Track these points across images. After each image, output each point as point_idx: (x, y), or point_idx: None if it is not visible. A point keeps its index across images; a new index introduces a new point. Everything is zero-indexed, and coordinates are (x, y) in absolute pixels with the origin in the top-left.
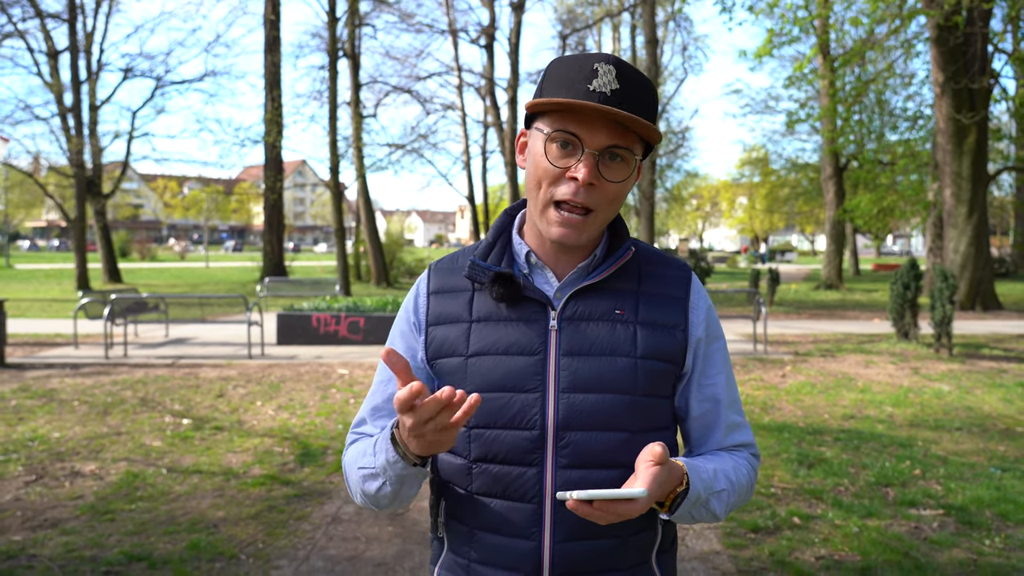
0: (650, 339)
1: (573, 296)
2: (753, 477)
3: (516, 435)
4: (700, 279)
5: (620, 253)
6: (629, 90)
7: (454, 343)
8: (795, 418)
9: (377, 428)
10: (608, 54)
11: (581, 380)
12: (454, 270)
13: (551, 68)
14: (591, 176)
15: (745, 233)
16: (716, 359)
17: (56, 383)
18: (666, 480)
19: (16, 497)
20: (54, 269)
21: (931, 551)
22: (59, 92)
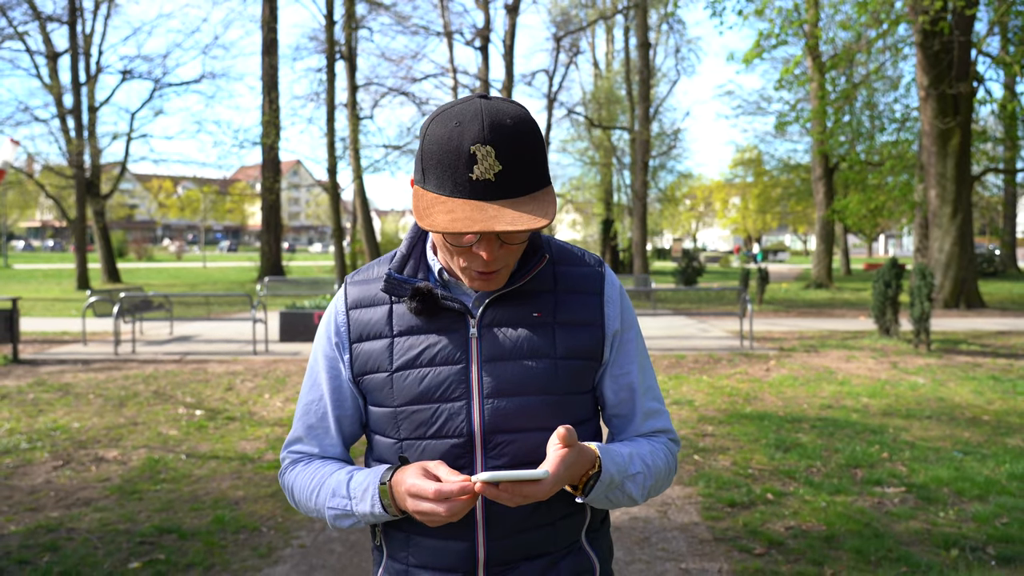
0: (569, 339)
1: (491, 303)
2: (672, 462)
3: (445, 443)
4: (692, 279)
5: (535, 262)
6: (513, 167)
7: (378, 358)
8: (775, 408)
9: (315, 447)
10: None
11: (504, 385)
12: (370, 282)
13: (428, 141)
14: (493, 253)
15: (739, 233)
16: (629, 348)
17: (70, 378)
18: (575, 462)
19: (47, 480)
20: (52, 269)
21: (890, 522)
22: (58, 94)
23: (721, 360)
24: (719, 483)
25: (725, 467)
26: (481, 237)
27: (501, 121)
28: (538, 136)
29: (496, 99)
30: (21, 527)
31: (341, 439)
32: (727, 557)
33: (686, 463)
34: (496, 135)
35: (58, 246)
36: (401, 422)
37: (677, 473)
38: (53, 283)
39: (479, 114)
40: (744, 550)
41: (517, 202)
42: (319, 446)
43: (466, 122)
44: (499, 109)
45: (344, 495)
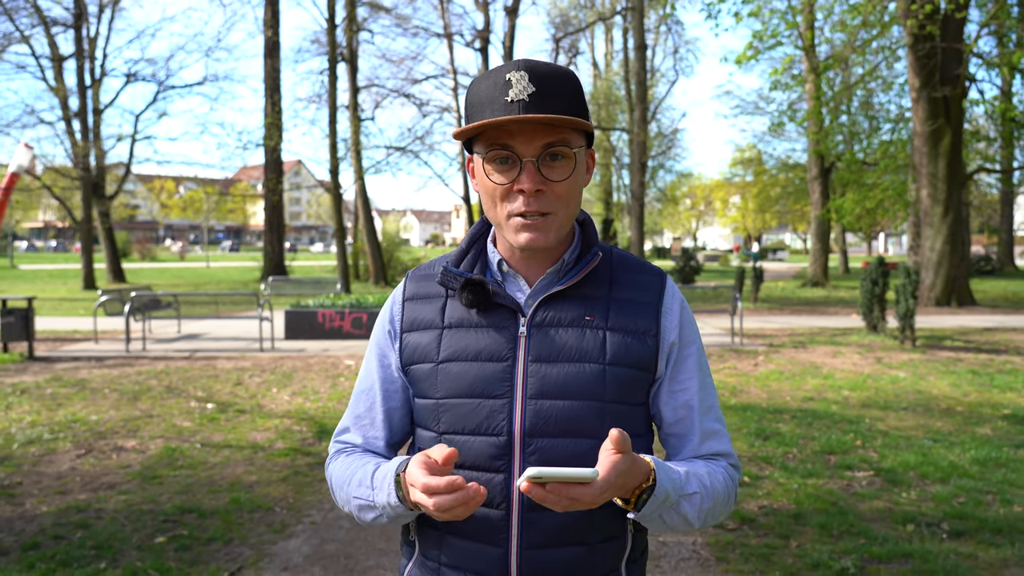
0: (620, 345)
1: (543, 303)
2: (731, 487)
3: (484, 441)
4: (689, 277)
5: (588, 259)
6: (546, 90)
7: (426, 349)
8: (760, 400)
9: (359, 437)
10: (520, 60)
11: (548, 386)
12: (429, 276)
13: (470, 91)
14: (535, 183)
15: (739, 232)
16: (688, 364)
17: (85, 374)
18: (628, 471)
19: (72, 467)
20: (57, 269)
21: (856, 502)
22: (64, 97)
23: (711, 356)
24: None
25: None
26: (522, 168)
27: (537, 61)
28: (574, 78)
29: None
30: (52, 508)
31: (387, 432)
32: (702, 532)
33: None
34: (530, 65)
35: (61, 246)
36: (442, 415)
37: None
38: (59, 283)
39: (518, 60)
40: (718, 526)
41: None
42: (363, 437)
43: (504, 65)
44: (538, 60)
45: (368, 485)
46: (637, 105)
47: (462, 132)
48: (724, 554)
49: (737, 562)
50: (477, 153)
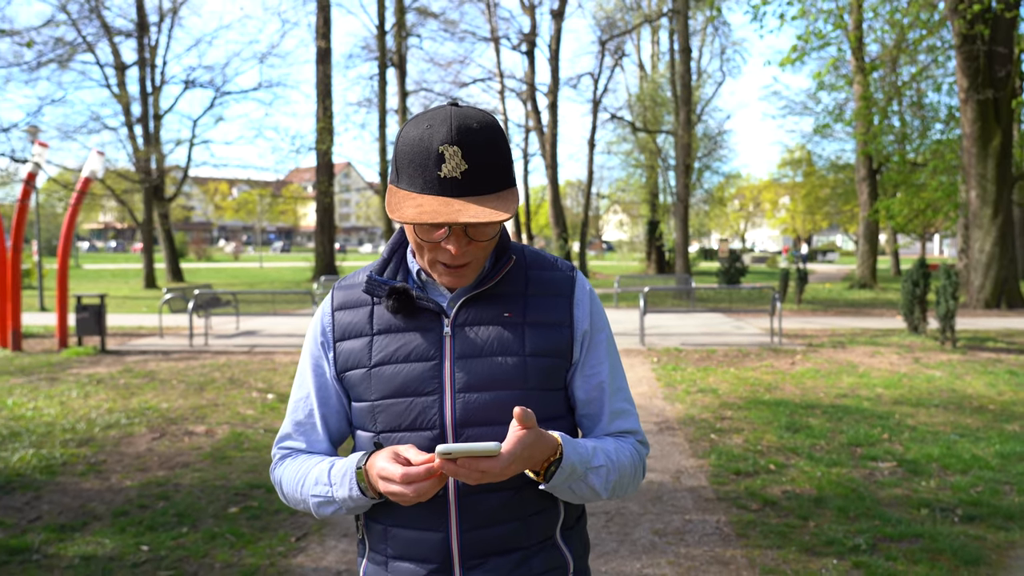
0: (537, 337)
1: (464, 304)
2: (638, 462)
3: (419, 436)
4: (735, 279)
5: (503, 263)
6: (478, 167)
7: (359, 355)
8: (793, 396)
9: (302, 442)
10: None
11: (474, 380)
12: (355, 286)
13: (400, 143)
14: (460, 249)
15: (788, 233)
16: (600, 349)
17: (153, 366)
18: (534, 444)
19: (149, 448)
20: (119, 269)
21: (876, 489)
22: (126, 103)
23: (749, 354)
24: (729, 456)
25: (737, 444)
26: (450, 232)
27: (468, 125)
28: (503, 141)
29: (466, 107)
30: (135, 482)
31: (328, 436)
32: (726, 512)
33: (703, 441)
34: (463, 137)
35: (120, 247)
36: (378, 415)
37: (693, 447)
38: (121, 282)
39: (448, 118)
40: (742, 507)
41: (482, 199)
42: (306, 442)
43: (436, 124)
44: (467, 115)
45: (326, 482)
46: (681, 108)
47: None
48: (745, 531)
49: (756, 538)
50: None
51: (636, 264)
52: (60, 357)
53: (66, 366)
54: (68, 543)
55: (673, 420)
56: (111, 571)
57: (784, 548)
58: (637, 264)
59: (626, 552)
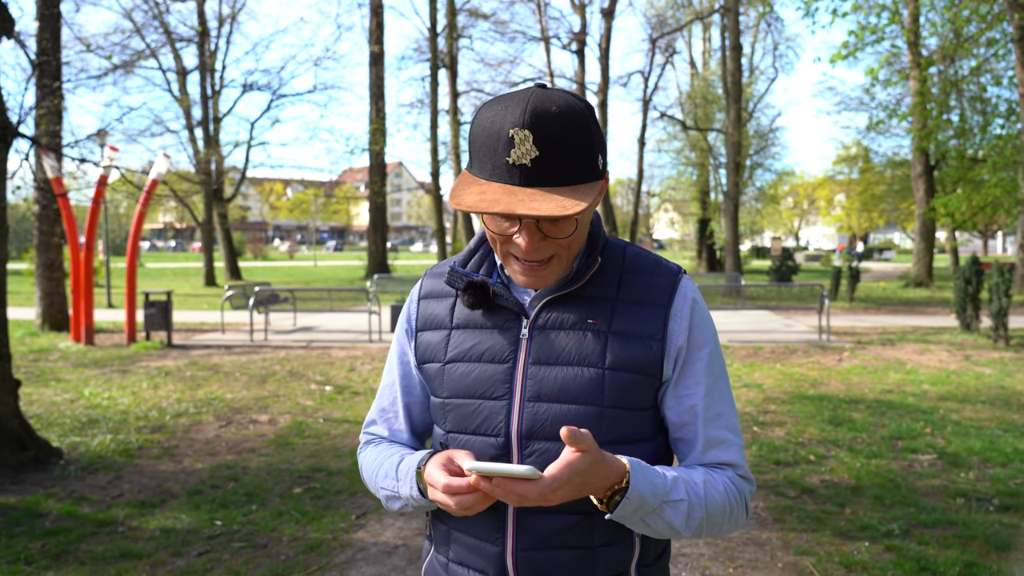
0: (621, 350)
1: (546, 305)
2: (735, 498)
3: (483, 441)
4: (786, 276)
5: (589, 263)
6: (550, 154)
7: (436, 349)
8: (838, 391)
9: (385, 429)
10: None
11: (547, 390)
12: (442, 275)
13: (474, 125)
14: (532, 245)
15: (843, 231)
16: (697, 368)
17: (217, 359)
18: (589, 470)
19: (217, 435)
20: (179, 268)
21: (914, 479)
22: (187, 107)
23: (797, 351)
24: (770, 447)
25: (779, 436)
26: (521, 225)
27: (546, 108)
28: (586, 128)
29: (554, 89)
30: (206, 465)
31: (410, 426)
32: (764, 499)
33: (744, 433)
34: (536, 120)
35: (179, 246)
36: (448, 414)
37: None
38: (182, 280)
39: (525, 99)
40: (780, 494)
41: (552, 191)
42: (389, 430)
43: (511, 106)
44: (548, 97)
45: (394, 476)
46: (732, 106)
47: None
48: (782, 516)
49: (792, 523)
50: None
51: (687, 262)
52: (130, 351)
53: (136, 359)
54: (148, 517)
55: None
56: (189, 542)
57: (819, 532)
58: (688, 262)
59: None
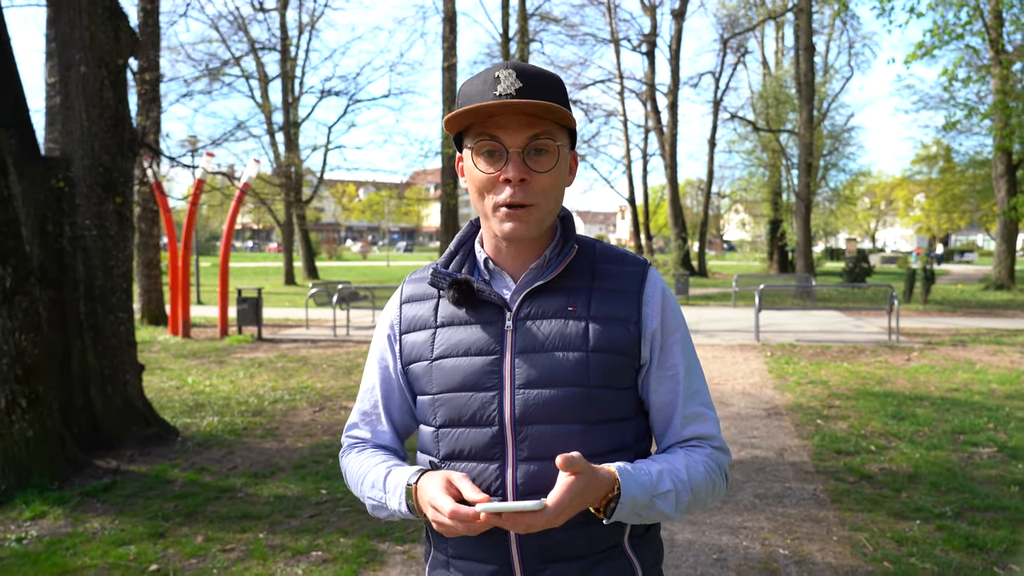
0: (602, 333)
1: (527, 297)
2: (715, 473)
3: (478, 432)
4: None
5: (566, 252)
6: (532, 85)
7: (422, 348)
8: (903, 388)
9: (368, 432)
10: (508, 61)
11: (535, 376)
12: (423, 279)
13: (461, 89)
14: (520, 173)
15: (922, 233)
16: (674, 351)
17: (304, 352)
18: (585, 490)
19: (311, 419)
20: (259, 267)
21: (972, 469)
22: (268, 112)
23: (864, 351)
24: (832, 439)
25: (841, 428)
26: (508, 157)
27: (525, 63)
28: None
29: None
30: (305, 444)
31: (392, 428)
32: (823, 482)
33: (808, 425)
34: (518, 65)
35: (256, 246)
36: (438, 409)
37: (799, 430)
38: (262, 279)
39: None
40: (839, 479)
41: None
42: (372, 432)
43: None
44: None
45: (381, 488)
46: (804, 107)
47: (452, 119)
48: (839, 498)
49: (849, 503)
50: (467, 147)
51: (757, 264)
52: (224, 343)
53: (230, 351)
54: (262, 486)
55: (781, 407)
56: (300, 507)
57: (874, 512)
58: (759, 264)
59: (729, 510)
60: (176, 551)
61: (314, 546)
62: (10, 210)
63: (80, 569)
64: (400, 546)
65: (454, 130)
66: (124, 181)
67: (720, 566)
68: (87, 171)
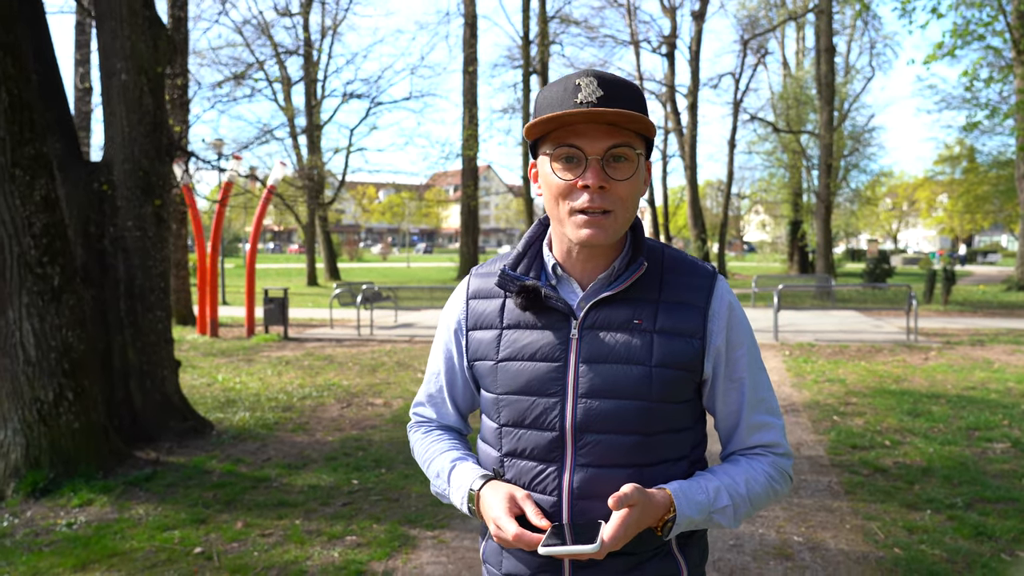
0: (665, 348)
1: (594, 306)
2: (777, 481)
3: (538, 435)
4: (880, 279)
5: (635, 268)
6: (613, 93)
7: (487, 347)
8: (920, 387)
9: (433, 412)
10: (588, 69)
11: (598, 386)
12: (490, 276)
13: (539, 95)
14: (599, 180)
15: (945, 233)
16: (740, 365)
17: (330, 351)
18: (639, 520)
19: (340, 414)
20: (282, 268)
21: (985, 464)
22: (291, 116)
23: (883, 350)
24: (848, 434)
25: (857, 425)
26: (587, 164)
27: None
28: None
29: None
30: (335, 438)
31: (456, 411)
32: (838, 475)
33: (825, 421)
34: (599, 72)
35: (277, 248)
36: (502, 409)
37: (815, 426)
38: (284, 280)
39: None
40: (853, 472)
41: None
42: (437, 413)
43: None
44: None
45: (445, 481)
46: (824, 108)
47: (533, 127)
48: (853, 489)
49: (863, 495)
50: (543, 153)
51: (778, 265)
52: (251, 342)
53: (258, 350)
54: (296, 477)
55: (799, 404)
56: (333, 496)
57: (886, 503)
58: (779, 265)
59: None
60: (218, 536)
61: (348, 531)
62: (58, 212)
63: (129, 552)
64: (430, 532)
65: (532, 137)
66: (162, 184)
67: (736, 551)
68: (127, 175)
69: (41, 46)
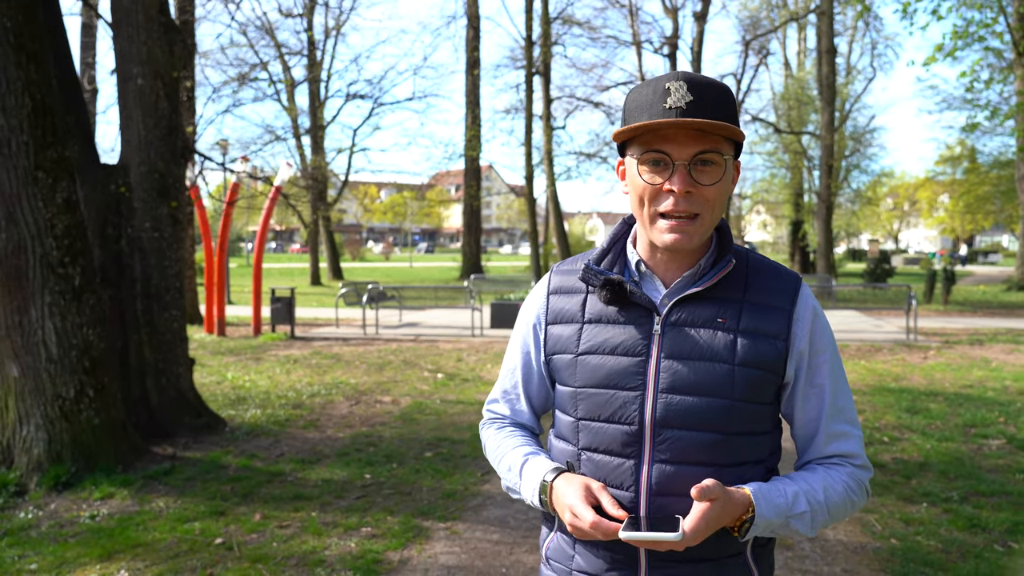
0: (750, 347)
1: (678, 303)
2: (854, 492)
3: (617, 428)
4: (881, 278)
5: (722, 265)
6: (703, 99)
7: (567, 341)
8: (918, 385)
9: (507, 409)
10: (679, 71)
11: (679, 382)
12: (572, 272)
13: (629, 97)
14: (686, 185)
15: (946, 234)
16: (821, 371)
17: (337, 349)
18: (720, 515)
19: (349, 411)
20: (284, 268)
21: (980, 459)
22: (295, 116)
23: (883, 349)
24: None
25: None
26: (674, 169)
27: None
28: (730, 93)
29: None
30: (346, 434)
31: (530, 408)
32: None
33: None
34: (689, 76)
35: (279, 247)
36: (580, 402)
37: None
38: (288, 279)
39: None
40: None
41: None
42: (511, 410)
43: (664, 75)
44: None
45: (516, 475)
46: (825, 109)
47: (622, 132)
48: None
49: None
50: (631, 155)
51: None
52: (258, 341)
53: (265, 348)
54: (310, 471)
55: None
56: (347, 489)
57: (884, 496)
58: None
59: None
60: (237, 527)
61: (363, 523)
62: (78, 214)
63: (152, 543)
64: (443, 523)
65: (620, 139)
66: (177, 186)
67: None
68: (144, 177)
69: (60, 52)
